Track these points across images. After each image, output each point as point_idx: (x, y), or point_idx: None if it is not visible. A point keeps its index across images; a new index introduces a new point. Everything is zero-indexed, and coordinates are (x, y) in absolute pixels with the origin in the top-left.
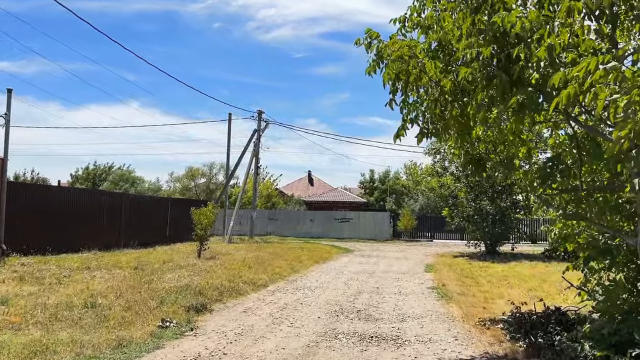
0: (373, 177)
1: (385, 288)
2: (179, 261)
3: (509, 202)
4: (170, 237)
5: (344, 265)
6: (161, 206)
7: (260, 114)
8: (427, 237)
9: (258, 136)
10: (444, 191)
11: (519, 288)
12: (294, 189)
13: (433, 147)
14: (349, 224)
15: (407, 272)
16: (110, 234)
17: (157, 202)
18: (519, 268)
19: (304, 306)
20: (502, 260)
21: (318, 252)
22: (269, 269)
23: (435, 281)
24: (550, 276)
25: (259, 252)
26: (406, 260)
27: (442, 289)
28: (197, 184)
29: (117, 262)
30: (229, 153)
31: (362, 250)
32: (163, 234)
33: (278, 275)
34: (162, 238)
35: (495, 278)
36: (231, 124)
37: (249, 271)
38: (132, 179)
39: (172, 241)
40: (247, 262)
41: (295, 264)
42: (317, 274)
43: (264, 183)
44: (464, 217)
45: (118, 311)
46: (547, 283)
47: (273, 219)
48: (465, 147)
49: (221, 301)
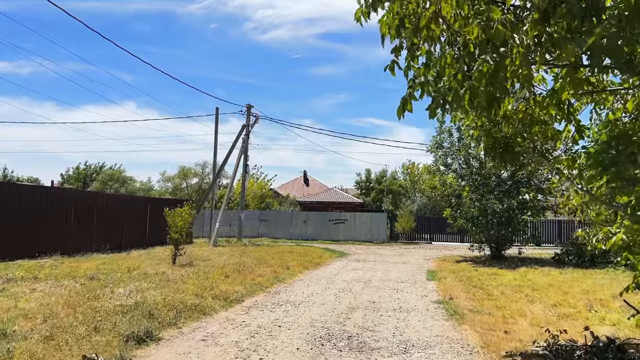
0: (369, 177)
1: (382, 302)
2: (148, 269)
3: (516, 202)
4: (149, 240)
5: (336, 272)
6: (139, 206)
7: (249, 108)
8: (426, 239)
9: (247, 132)
10: (446, 190)
11: (540, 302)
12: (289, 189)
13: (436, 142)
14: (344, 225)
15: (408, 281)
16: (80, 237)
17: (135, 201)
18: (531, 275)
19: (281, 330)
20: (510, 265)
21: (309, 257)
22: (249, 278)
23: (441, 292)
24: (571, 287)
25: (242, 257)
26: (405, 266)
27: (450, 304)
28: (189, 184)
29: (74, 271)
30: (216, 150)
31: (357, 254)
32: (141, 236)
33: (258, 287)
34: (140, 241)
35: (508, 289)
36: (218, 119)
37: (225, 281)
38: (123, 179)
39: (151, 244)
40: (226, 269)
41: (281, 271)
42: (304, 283)
43: (258, 183)
44: (468, 219)
45: (33, 343)
46: (570, 295)
47: (264, 220)
48: (487, 127)
49: (176, 325)
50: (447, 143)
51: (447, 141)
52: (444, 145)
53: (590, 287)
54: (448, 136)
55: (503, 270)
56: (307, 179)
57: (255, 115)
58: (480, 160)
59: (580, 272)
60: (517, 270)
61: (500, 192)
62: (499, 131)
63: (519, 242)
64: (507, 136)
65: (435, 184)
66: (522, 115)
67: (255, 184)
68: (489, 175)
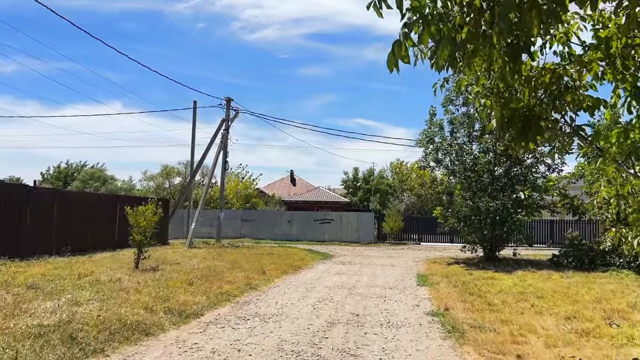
0: (357, 175)
1: (368, 315)
2: (103, 275)
3: (510, 201)
4: (118, 242)
5: (318, 276)
6: (107, 205)
7: (229, 101)
8: (415, 239)
9: (226, 126)
10: (437, 187)
11: (549, 314)
12: (275, 189)
13: (427, 136)
14: (330, 225)
15: (397, 287)
16: (37, 239)
17: (103, 200)
18: (531, 280)
19: (240, 357)
20: (506, 268)
21: (290, 259)
22: (215, 285)
23: (434, 301)
24: (578, 294)
25: (216, 261)
26: (394, 269)
27: (447, 317)
28: (172, 183)
29: (14, 278)
30: (193, 145)
31: (342, 256)
32: (110, 237)
33: (225, 296)
34: (108, 242)
35: (509, 296)
36: (196, 113)
37: (187, 290)
38: (104, 178)
39: (120, 246)
40: (193, 275)
41: (255, 276)
42: (280, 291)
43: (243, 182)
44: (459, 218)
45: None
46: (581, 305)
47: (247, 220)
48: (504, 94)
49: (103, 353)
50: (438, 138)
51: (439, 135)
52: (435, 140)
53: (600, 295)
54: (439, 130)
55: (499, 273)
56: (293, 178)
57: (235, 109)
58: (474, 155)
59: (582, 276)
60: (514, 273)
61: (494, 189)
62: (518, 99)
63: (513, 242)
64: (529, 106)
65: (426, 180)
66: (551, 76)
67: (240, 184)
68: (482, 172)
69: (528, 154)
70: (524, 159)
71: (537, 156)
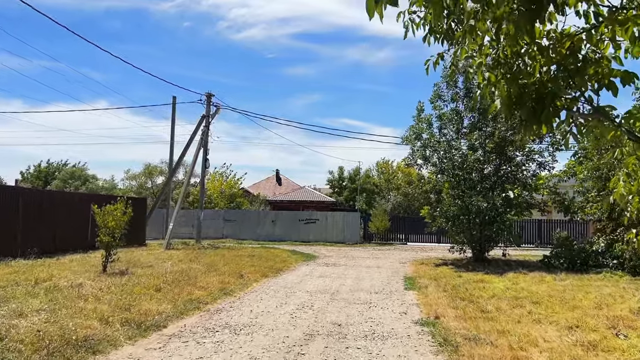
0: (342, 175)
1: (351, 325)
2: (65, 279)
3: (500, 200)
4: (92, 243)
5: (300, 280)
6: (79, 205)
7: (210, 97)
8: (401, 239)
9: (207, 123)
10: (425, 186)
11: (549, 323)
12: (260, 188)
13: (414, 132)
14: (315, 225)
15: (383, 291)
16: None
17: (74, 199)
18: (523, 283)
19: None
20: (496, 270)
21: (271, 261)
22: (186, 291)
23: (423, 308)
24: (576, 298)
25: (191, 263)
26: (380, 271)
27: (437, 326)
28: (154, 182)
29: None
30: (172, 142)
31: (327, 257)
32: (82, 238)
33: (194, 304)
34: (80, 243)
35: (503, 302)
36: (175, 109)
37: (153, 297)
38: (85, 177)
39: (94, 247)
40: (163, 279)
41: (231, 280)
42: (257, 297)
43: (227, 182)
44: (448, 217)
45: None
46: (581, 311)
47: (230, 220)
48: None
49: None
50: (426, 134)
51: (427, 132)
52: (424, 136)
53: (599, 299)
54: (427, 126)
55: (490, 276)
56: (279, 178)
57: (216, 105)
58: (463, 152)
59: (576, 278)
60: (505, 275)
61: (483, 188)
62: (529, 73)
63: (502, 243)
64: (543, 81)
65: (413, 179)
66: (570, 44)
67: (224, 183)
68: (471, 169)
69: (536, 142)
70: (513, 156)
71: (527, 154)
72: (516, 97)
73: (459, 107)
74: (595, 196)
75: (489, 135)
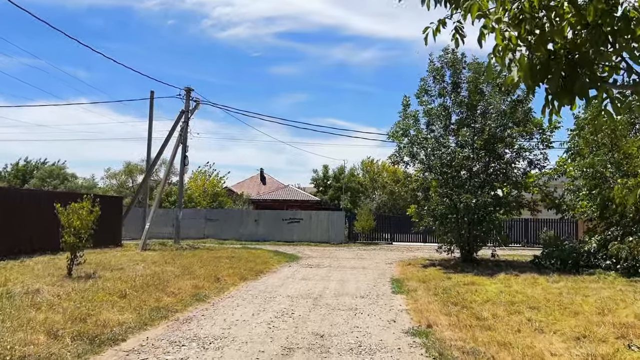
0: (327, 173)
1: (334, 336)
2: (22, 284)
3: (489, 198)
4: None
5: (281, 283)
6: (47, 203)
7: (189, 91)
8: (387, 239)
9: (186, 118)
10: (411, 184)
11: (552, 332)
12: (245, 187)
13: (401, 128)
14: (299, 224)
15: (369, 295)
16: None
17: (41, 197)
18: (516, 286)
19: None
20: (486, 271)
21: (252, 263)
22: (153, 297)
23: (413, 315)
24: (575, 302)
25: (167, 265)
26: (365, 273)
27: (430, 337)
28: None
29: None
30: (150, 139)
31: (311, 258)
32: (50, 239)
33: (162, 311)
34: (48, 245)
35: (499, 307)
36: (153, 103)
37: (116, 304)
38: (64, 176)
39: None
40: (131, 283)
41: (206, 284)
42: (233, 303)
43: (210, 180)
44: (435, 216)
45: None
46: (584, 318)
47: (211, 219)
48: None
49: None
50: (413, 130)
51: (414, 128)
52: (411, 132)
53: (600, 304)
54: (414, 122)
55: (480, 277)
56: (263, 177)
57: (195, 99)
58: (452, 149)
59: (570, 280)
60: (496, 277)
61: (472, 186)
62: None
63: (491, 242)
64: (576, 44)
65: (400, 176)
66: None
67: (207, 182)
68: (459, 167)
69: (525, 137)
70: (503, 153)
71: (517, 151)
72: (542, 64)
73: (446, 102)
74: (586, 194)
75: (478, 132)
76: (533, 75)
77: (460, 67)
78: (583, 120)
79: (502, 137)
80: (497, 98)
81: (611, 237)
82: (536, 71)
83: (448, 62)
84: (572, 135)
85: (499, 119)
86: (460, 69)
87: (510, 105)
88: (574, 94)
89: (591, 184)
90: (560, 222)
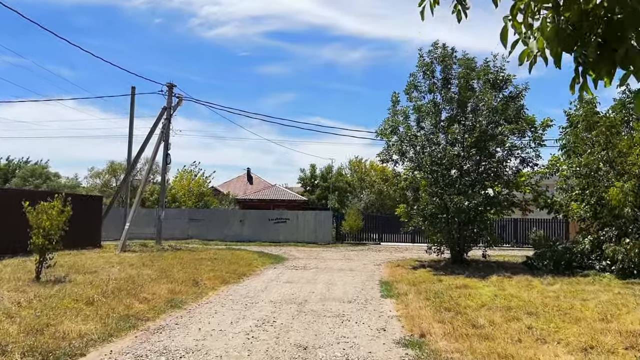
0: (314, 173)
1: (319, 348)
2: None
3: (481, 198)
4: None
5: (264, 286)
6: (16, 203)
7: (171, 87)
8: (374, 239)
9: (168, 115)
10: (400, 183)
11: (556, 341)
12: (231, 187)
13: (390, 125)
14: (285, 225)
15: (357, 299)
16: None
17: (10, 196)
18: (511, 289)
19: None
20: (478, 272)
21: (235, 264)
22: (124, 303)
23: (404, 322)
24: (575, 307)
25: (144, 268)
26: (353, 275)
27: (424, 349)
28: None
29: None
30: (131, 136)
31: (297, 259)
32: (16, 240)
33: (132, 320)
34: (19, 247)
35: (496, 313)
36: (134, 100)
37: (81, 312)
38: (46, 175)
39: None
40: (102, 288)
41: (183, 289)
42: (211, 309)
43: (196, 180)
44: (425, 216)
45: None
46: (586, 325)
47: (195, 219)
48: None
49: None
50: (402, 127)
51: (403, 125)
52: (400, 129)
53: (601, 309)
54: (404, 119)
55: (473, 280)
56: (250, 176)
57: (178, 96)
58: (442, 146)
59: (565, 283)
60: (488, 279)
61: (463, 185)
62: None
63: (482, 243)
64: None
65: (388, 176)
66: None
67: (192, 181)
68: (450, 165)
69: (516, 134)
70: (494, 152)
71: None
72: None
73: (436, 98)
74: (579, 194)
75: (469, 129)
76: (563, 40)
77: (451, 62)
78: (576, 117)
79: (494, 135)
80: (489, 94)
81: (605, 238)
82: (565, 35)
83: (438, 57)
84: (564, 133)
85: (490, 116)
86: (451, 64)
87: (502, 102)
88: (614, 62)
89: (584, 183)
90: (550, 222)
